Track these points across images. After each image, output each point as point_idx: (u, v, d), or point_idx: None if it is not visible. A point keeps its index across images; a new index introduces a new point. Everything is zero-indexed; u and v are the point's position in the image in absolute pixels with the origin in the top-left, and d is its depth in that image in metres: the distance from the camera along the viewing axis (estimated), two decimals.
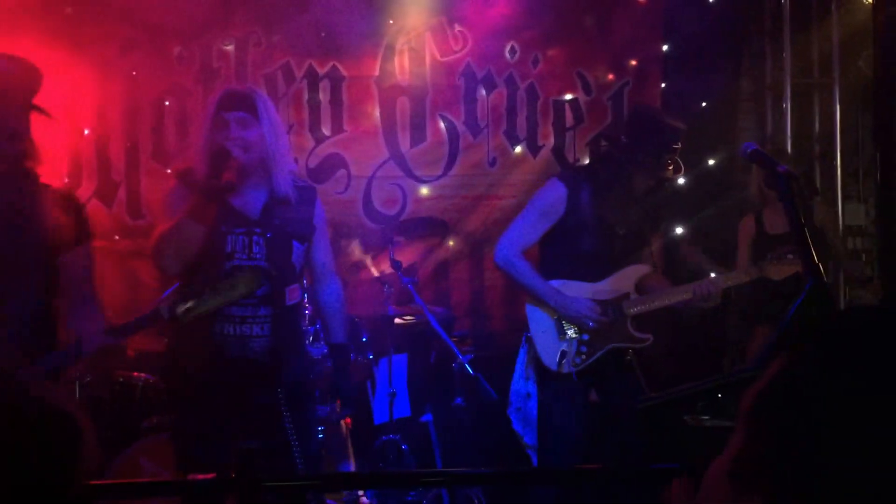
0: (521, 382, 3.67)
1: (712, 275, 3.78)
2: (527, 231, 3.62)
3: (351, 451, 4.38)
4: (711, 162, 5.59)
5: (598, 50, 5.62)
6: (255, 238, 2.98)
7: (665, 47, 5.65)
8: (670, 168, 3.58)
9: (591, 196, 3.55)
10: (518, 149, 5.61)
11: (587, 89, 5.63)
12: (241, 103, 2.97)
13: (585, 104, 5.63)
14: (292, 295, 3.06)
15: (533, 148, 5.62)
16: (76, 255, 2.91)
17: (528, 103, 5.60)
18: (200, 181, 2.91)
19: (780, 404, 0.83)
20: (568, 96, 5.61)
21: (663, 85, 5.64)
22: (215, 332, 2.94)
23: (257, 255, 2.96)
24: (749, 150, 2.42)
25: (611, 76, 5.64)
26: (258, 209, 3.02)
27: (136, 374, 4.43)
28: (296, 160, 5.02)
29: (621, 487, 3.35)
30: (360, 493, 4.24)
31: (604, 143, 5.41)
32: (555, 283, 3.57)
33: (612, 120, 5.63)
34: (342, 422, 4.36)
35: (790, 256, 3.66)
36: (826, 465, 0.77)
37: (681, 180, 5.44)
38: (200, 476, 2.06)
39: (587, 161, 5.42)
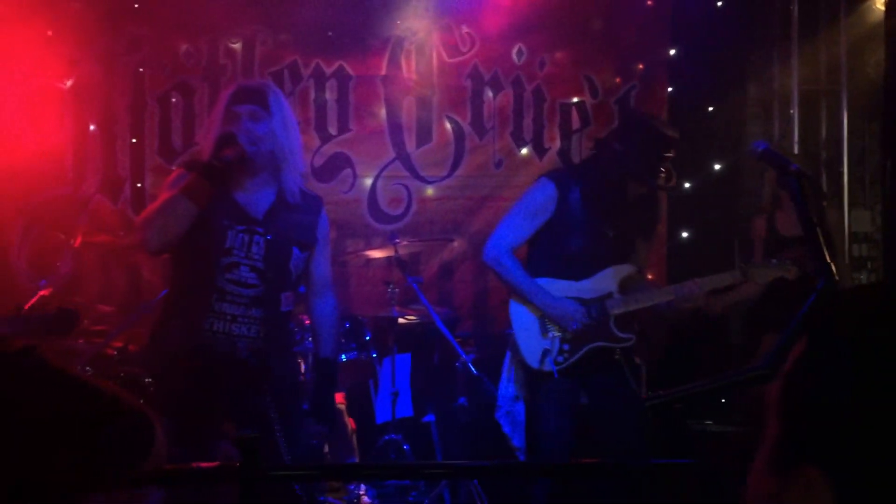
0: (508, 385, 3.66)
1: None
2: (515, 230, 3.59)
3: (356, 448, 4.36)
4: (718, 167, 5.58)
5: (605, 53, 5.62)
6: (255, 238, 2.92)
7: (672, 51, 5.64)
8: (662, 176, 3.56)
9: (581, 197, 3.54)
10: (524, 151, 5.61)
11: (594, 92, 5.62)
12: (252, 97, 2.93)
13: (592, 107, 5.62)
14: (287, 301, 3.01)
15: (539, 150, 5.61)
16: None
17: (534, 105, 5.59)
18: (202, 162, 2.88)
19: (807, 383, 0.85)
20: (574, 99, 5.61)
21: (670, 89, 5.64)
22: (204, 328, 2.88)
23: (255, 255, 2.91)
24: (760, 149, 2.39)
25: (618, 79, 5.63)
26: (263, 209, 2.96)
27: (138, 370, 4.39)
28: None
29: (620, 484, 3.34)
30: (362, 492, 4.22)
31: (595, 146, 5.40)
32: (541, 281, 3.56)
33: (618, 123, 5.61)
34: (347, 420, 4.34)
35: (774, 261, 3.66)
36: (864, 433, 0.80)
37: (687, 185, 5.46)
38: (204, 464, 2.05)
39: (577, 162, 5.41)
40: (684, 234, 5.51)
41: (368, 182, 5.48)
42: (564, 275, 3.57)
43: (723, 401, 4.72)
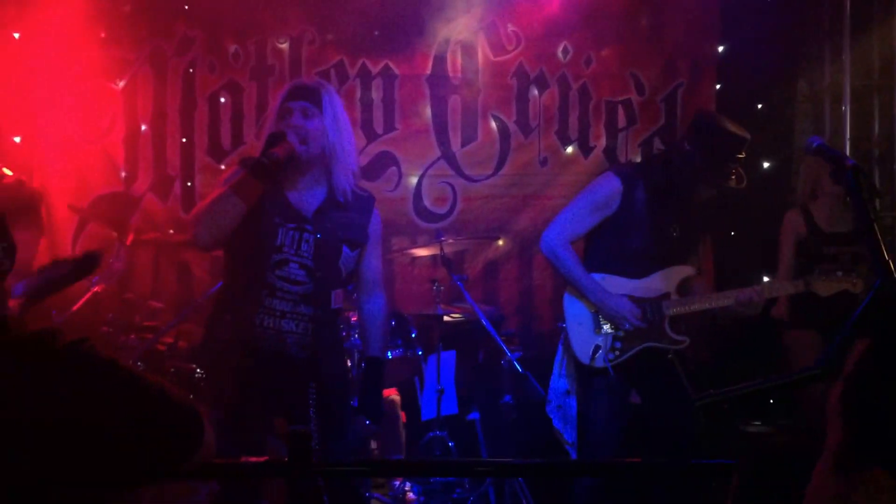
0: (560, 380, 3.65)
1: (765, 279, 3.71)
2: (576, 222, 3.56)
3: (404, 444, 4.39)
4: (767, 165, 5.51)
5: (652, 51, 5.58)
6: (305, 235, 2.95)
7: (721, 48, 5.58)
8: (733, 178, 3.50)
9: (646, 195, 3.51)
10: (569, 149, 5.59)
11: (640, 90, 5.59)
12: (306, 94, 2.97)
13: (638, 105, 5.59)
14: (337, 299, 3.03)
15: (585, 148, 5.59)
16: None
17: (580, 103, 5.58)
18: (251, 159, 2.91)
19: (872, 385, 0.83)
20: (621, 97, 5.57)
21: (718, 86, 5.58)
22: (254, 323, 2.91)
23: (305, 253, 2.94)
24: (815, 145, 2.36)
25: (665, 77, 5.58)
26: (313, 208, 2.99)
27: (188, 365, 4.46)
28: None
29: (665, 484, 3.31)
30: (407, 488, 4.25)
31: (664, 146, 5.35)
32: (596, 276, 3.54)
33: (665, 121, 5.58)
34: (400, 413, 4.37)
35: (839, 273, 3.58)
36: None
37: None
38: (253, 459, 2.07)
39: (642, 159, 5.38)
40: (732, 234, 5.44)
41: (414, 180, 5.51)
42: (622, 272, 3.54)
43: (771, 401, 4.65)
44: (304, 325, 2.94)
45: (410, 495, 4.27)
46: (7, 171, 2.92)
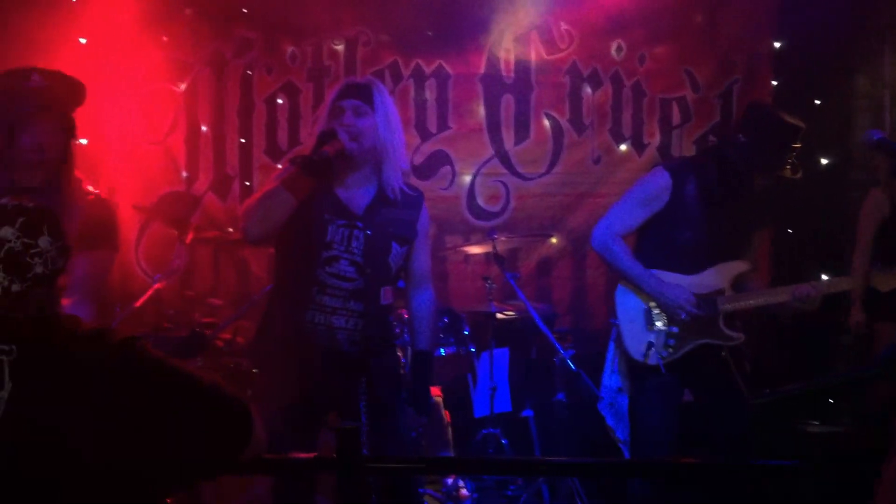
0: (612, 377, 3.63)
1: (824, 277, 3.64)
2: (626, 217, 3.55)
3: (451, 442, 4.42)
4: (825, 162, 5.41)
5: (706, 47, 5.53)
6: (355, 232, 2.98)
7: (777, 43, 5.50)
8: (789, 168, 3.47)
9: (697, 189, 3.48)
10: (623, 147, 5.57)
11: (695, 87, 5.54)
12: (358, 93, 3.01)
13: (693, 102, 5.54)
14: (386, 295, 3.06)
15: (638, 146, 5.57)
16: (84, 259, 2.66)
17: (633, 101, 5.55)
18: (302, 157, 2.96)
19: None
20: (675, 94, 5.54)
21: (774, 83, 5.50)
22: (305, 320, 2.95)
23: (355, 250, 2.97)
24: (875, 138, 2.34)
25: (720, 73, 5.53)
26: (363, 205, 3.03)
27: (245, 361, 4.55)
28: None
29: (722, 484, 3.29)
30: (461, 484, 4.28)
31: (717, 139, 5.30)
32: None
33: (720, 118, 5.53)
34: (444, 413, 4.40)
35: None
36: None
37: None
38: (303, 455, 2.10)
39: (694, 153, 5.34)
40: (789, 231, 5.37)
41: (467, 179, 5.55)
42: (674, 268, 3.51)
43: (830, 401, 4.58)
44: (354, 321, 2.98)
45: (464, 492, 4.30)
46: (91, 189, 2.95)
